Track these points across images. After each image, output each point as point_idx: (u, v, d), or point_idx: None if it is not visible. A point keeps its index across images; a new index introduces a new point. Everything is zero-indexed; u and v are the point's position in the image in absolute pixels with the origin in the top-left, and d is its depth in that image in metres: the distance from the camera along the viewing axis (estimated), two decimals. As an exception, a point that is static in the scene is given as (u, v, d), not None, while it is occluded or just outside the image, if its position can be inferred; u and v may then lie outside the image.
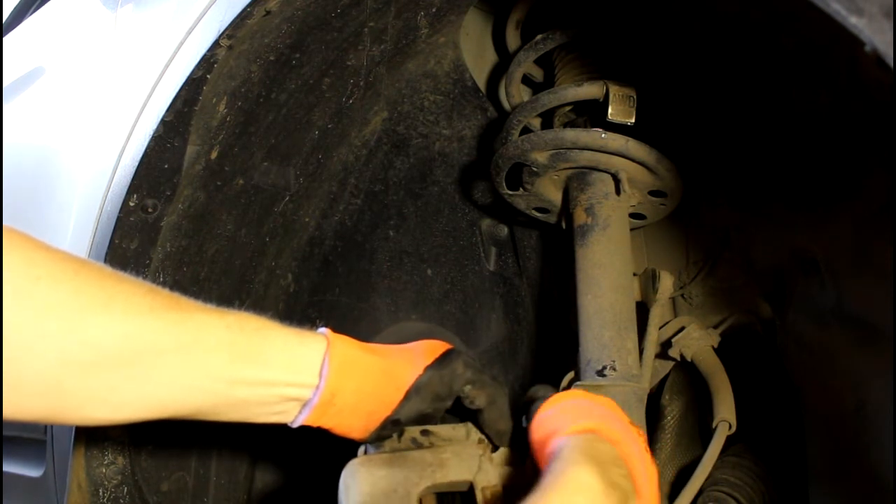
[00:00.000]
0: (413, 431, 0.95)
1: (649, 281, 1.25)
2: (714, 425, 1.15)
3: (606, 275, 1.17)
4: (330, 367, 0.84)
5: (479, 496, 0.89)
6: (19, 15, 2.51)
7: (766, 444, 1.36)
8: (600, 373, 1.10)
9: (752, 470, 1.32)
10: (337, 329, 1.41)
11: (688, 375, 1.40)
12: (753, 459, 1.33)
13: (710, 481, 1.26)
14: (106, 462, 1.28)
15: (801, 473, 1.27)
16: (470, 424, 0.95)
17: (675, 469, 1.37)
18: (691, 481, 1.09)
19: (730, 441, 1.22)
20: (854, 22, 0.61)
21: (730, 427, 1.16)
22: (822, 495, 1.24)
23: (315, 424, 0.88)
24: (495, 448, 0.94)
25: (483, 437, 0.94)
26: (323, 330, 0.88)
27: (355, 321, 1.45)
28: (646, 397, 1.13)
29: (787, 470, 1.33)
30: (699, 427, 1.43)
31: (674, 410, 1.40)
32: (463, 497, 0.92)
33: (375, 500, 0.88)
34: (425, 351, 0.92)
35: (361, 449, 0.97)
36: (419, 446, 0.93)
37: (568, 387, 1.10)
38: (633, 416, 1.07)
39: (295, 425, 0.87)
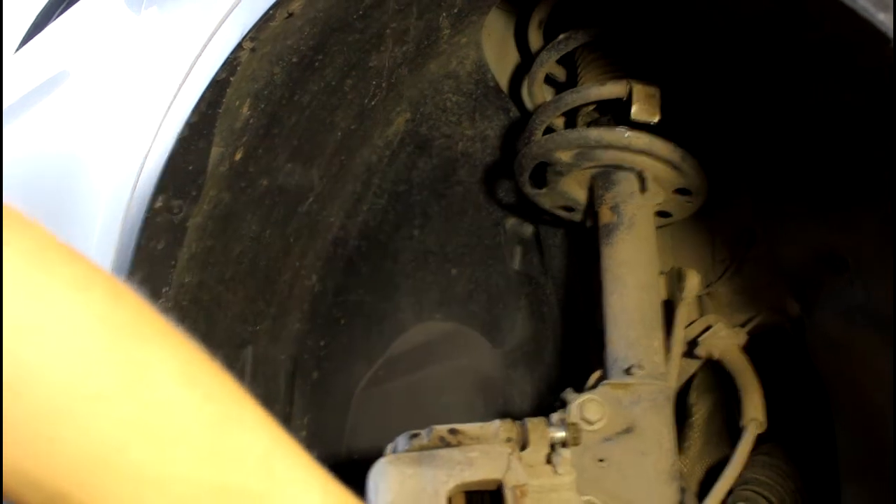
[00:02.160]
0: (441, 430, 0.94)
1: (675, 279, 1.25)
2: (743, 424, 1.14)
3: (632, 273, 1.16)
4: None
5: (508, 495, 0.88)
6: (44, 20, 2.53)
7: (796, 443, 1.35)
8: (627, 371, 1.09)
9: (782, 469, 1.30)
10: (362, 330, 1.41)
11: (715, 374, 1.39)
12: (783, 458, 1.32)
13: (740, 480, 1.25)
14: None
15: (833, 472, 1.26)
16: (498, 422, 0.95)
17: (704, 468, 1.37)
18: (721, 480, 1.08)
19: (759, 440, 1.22)
20: (882, 18, 0.60)
21: (759, 426, 1.15)
22: (853, 494, 1.23)
23: None
24: (525, 446, 0.93)
25: (513, 434, 0.94)
26: None
27: (379, 321, 1.45)
28: (673, 396, 1.12)
29: (818, 469, 1.32)
30: (727, 426, 1.42)
31: (701, 409, 1.39)
32: (492, 496, 0.91)
33: (404, 498, 0.88)
34: None
35: (390, 447, 0.96)
36: (447, 445, 0.93)
37: (595, 386, 1.10)
38: (661, 415, 1.07)
39: None
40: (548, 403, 1.04)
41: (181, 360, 0.57)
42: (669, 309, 1.23)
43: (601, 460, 1.03)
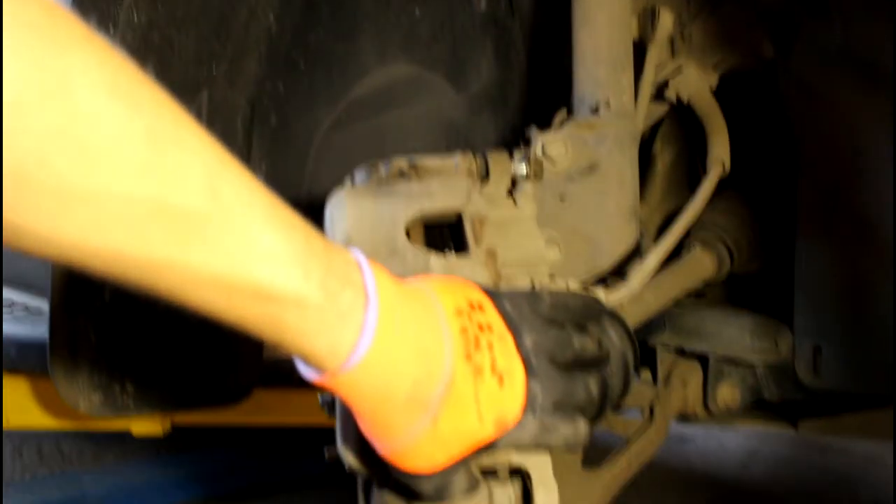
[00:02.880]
0: (400, 163, 0.92)
1: (648, 19, 1.20)
2: (707, 166, 1.14)
3: (603, 9, 1.10)
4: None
5: (467, 226, 0.88)
6: None
7: (757, 192, 1.36)
8: (594, 110, 1.07)
9: (740, 216, 1.32)
10: (323, 73, 1.36)
11: (681, 125, 1.37)
12: (743, 205, 1.33)
13: (698, 224, 1.26)
14: None
15: (790, 226, 1.27)
16: (459, 155, 0.93)
17: (662, 216, 1.37)
18: (679, 218, 1.08)
19: (721, 187, 1.22)
20: None
21: (723, 168, 1.14)
22: (809, 243, 1.25)
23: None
24: (486, 178, 0.92)
25: (473, 168, 0.92)
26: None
27: (340, 64, 1.39)
28: (639, 137, 1.10)
29: (777, 217, 1.33)
30: (689, 177, 1.42)
31: (665, 158, 1.38)
32: (451, 228, 0.91)
33: (362, 230, 0.87)
34: None
35: (348, 180, 0.95)
36: (406, 177, 0.92)
37: (560, 125, 1.07)
38: (625, 155, 1.05)
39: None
40: (511, 150, 1.01)
41: (106, 70, 0.52)
42: (641, 50, 1.19)
43: (562, 198, 1.02)
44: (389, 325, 0.64)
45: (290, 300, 0.60)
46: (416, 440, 0.68)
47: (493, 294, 0.75)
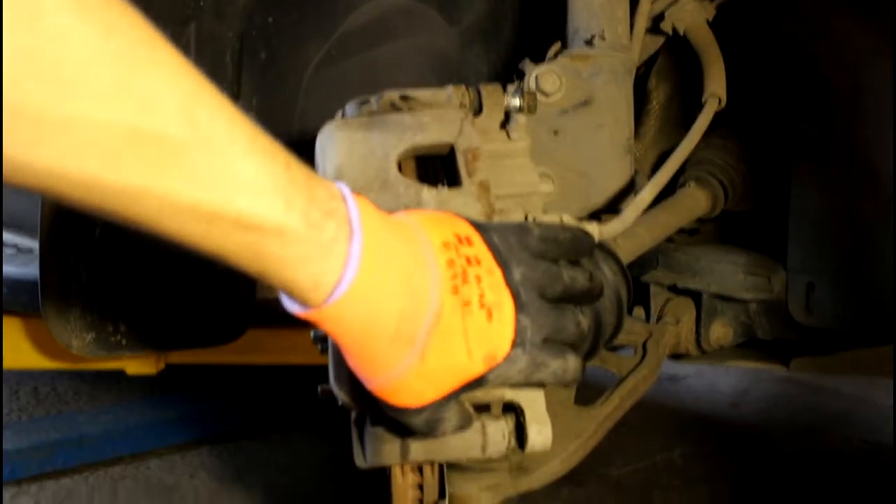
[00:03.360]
0: (392, 96, 0.91)
1: (645, -51, 1.17)
2: (703, 100, 1.12)
3: (600, -62, 1.08)
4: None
5: (460, 159, 0.87)
6: None
7: (753, 129, 1.34)
8: (588, 42, 1.05)
9: (736, 152, 1.31)
10: (313, 6, 1.33)
11: (676, 61, 1.35)
12: (738, 142, 1.32)
13: (693, 160, 1.25)
14: None
15: (786, 159, 1.26)
16: (451, 88, 0.91)
17: (657, 154, 1.36)
18: (675, 153, 1.07)
19: (716, 125, 1.20)
20: None
21: (719, 102, 1.13)
22: (804, 180, 1.24)
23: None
24: (479, 112, 0.90)
25: (466, 100, 0.90)
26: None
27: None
28: (634, 70, 1.08)
29: (772, 155, 1.32)
30: (684, 115, 1.41)
31: (660, 95, 1.36)
32: (443, 161, 0.90)
33: (353, 162, 0.86)
34: None
35: (339, 113, 0.93)
36: (398, 110, 0.90)
37: (554, 57, 1.05)
38: (620, 88, 1.04)
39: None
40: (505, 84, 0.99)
41: None
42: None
43: (556, 133, 1.01)
44: (374, 257, 0.63)
45: (271, 230, 0.59)
46: (404, 375, 0.68)
47: (481, 227, 0.73)
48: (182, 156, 0.55)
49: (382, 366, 0.68)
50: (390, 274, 0.65)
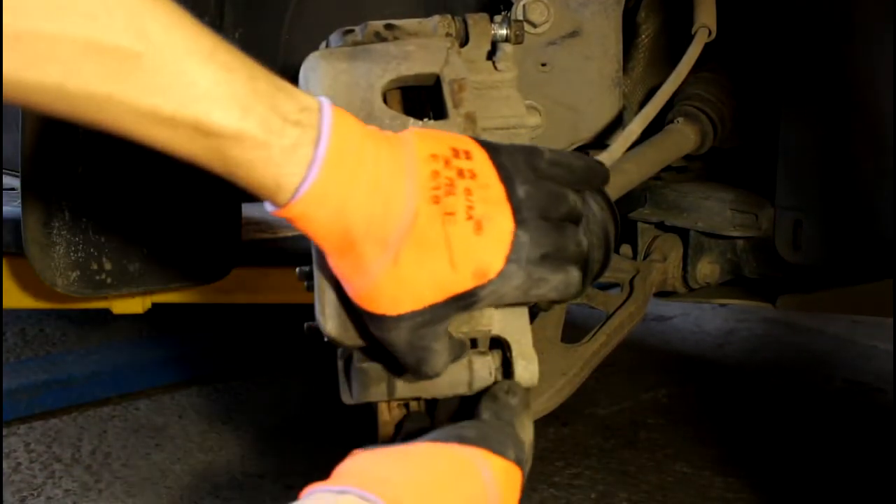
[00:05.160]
0: (376, 25, 0.89)
1: None
2: (693, 31, 1.10)
3: None
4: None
5: (445, 89, 0.85)
6: None
7: (742, 64, 1.33)
8: (577, -28, 1.03)
9: (725, 87, 1.29)
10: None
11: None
12: (728, 77, 1.30)
13: (682, 95, 1.24)
14: None
15: (776, 95, 1.25)
16: (437, 17, 0.89)
17: (645, 90, 1.34)
18: (663, 87, 1.06)
19: (706, 60, 1.18)
20: None
21: (709, 34, 1.11)
22: (794, 116, 1.23)
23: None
24: (465, 42, 0.88)
25: (452, 30, 0.89)
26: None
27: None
28: (623, 2, 1.06)
29: (762, 91, 1.31)
30: (673, 50, 1.39)
31: (649, 29, 1.33)
32: (428, 92, 0.88)
33: (337, 93, 0.84)
34: None
35: (322, 44, 0.91)
36: (383, 40, 0.88)
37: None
38: (609, 20, 1.02)
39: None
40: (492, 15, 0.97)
41: None
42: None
43: (544, 65, 0.99)
44: (340, 161, 0.66)
45: (229, 135, 0.63)
46: (378, 278, 0.69)
47: (491, 146, 0.73)
48: (137, 66, 0.59)
49: (359, 268, 0.69)
50: (357, 177, 0.67)
